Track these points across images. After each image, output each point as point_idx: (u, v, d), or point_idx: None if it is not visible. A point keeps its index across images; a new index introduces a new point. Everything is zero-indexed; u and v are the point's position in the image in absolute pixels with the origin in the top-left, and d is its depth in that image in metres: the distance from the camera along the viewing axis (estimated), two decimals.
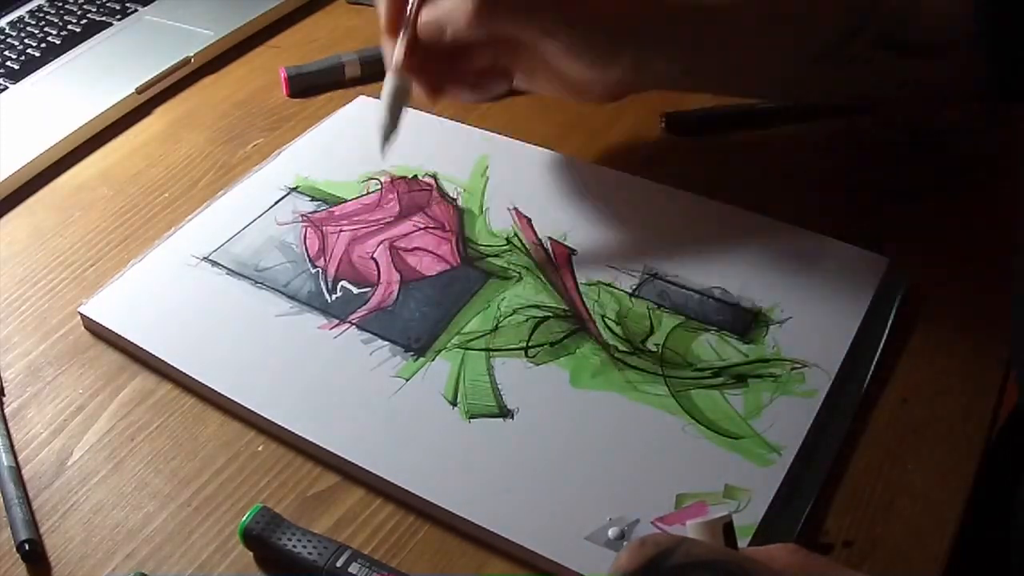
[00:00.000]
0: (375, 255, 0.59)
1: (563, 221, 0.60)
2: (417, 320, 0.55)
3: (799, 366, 0.51)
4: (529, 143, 0.67)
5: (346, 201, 0.63)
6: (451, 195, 0.63)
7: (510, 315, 0.55)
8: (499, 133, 0.68)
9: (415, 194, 0.63)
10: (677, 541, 0.37)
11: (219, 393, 0.52)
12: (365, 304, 0.56)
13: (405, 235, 0.60)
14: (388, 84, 0.56)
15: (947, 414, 0.50)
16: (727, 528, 0.38)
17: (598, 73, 0.55)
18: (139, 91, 0.75)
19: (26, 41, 0.81)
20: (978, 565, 0.56)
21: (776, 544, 0.40)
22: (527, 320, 0.55)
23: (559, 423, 0.49)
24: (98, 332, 0.57)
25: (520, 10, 0.53)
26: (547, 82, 0.59)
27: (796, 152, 0.66)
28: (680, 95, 0.70)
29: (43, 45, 0.80)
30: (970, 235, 0.60)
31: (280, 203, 0.63)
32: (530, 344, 0.53)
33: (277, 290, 0.57)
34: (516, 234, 0.60)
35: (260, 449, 0.50)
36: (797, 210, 0.60)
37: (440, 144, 0.67)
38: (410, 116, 0.70)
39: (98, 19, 0.84)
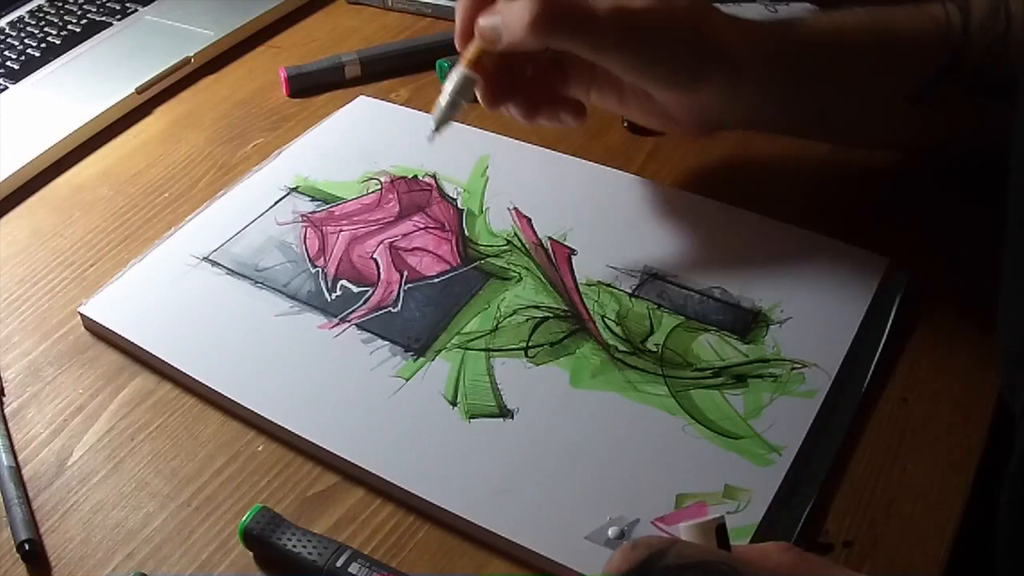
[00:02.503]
0: (375, 255, 0.59)
1: (563, 221, 0.60)
2: (417, 320, 0.55)
3: (799, 366, 0.51)
4: (529, 143, 0.67)
5: (346, 201, 0.63)
6: (451, 195, 0.63)
7: (510, 315, 0.55)
8: (499, 133, 0.68)
9: (415, 194, 0.63)
10: (669, 543, 0.37)
11: (219, 393, 0.52)
12: (365, 304, 0.56)
13: (405, 235, 0.60)
14: (455, 75, 0.55)
15: (947, 414, 0.50)
16: (720, 530, 0.38)
17: (682, 97, 0.55)
18: (139, 91, 0.75)
19: (26, 41, 0.81)
20: (978, 565, 0.56)
21: (769, 543, 0.40)
22: (527, 320, 0.55)
23: (559, 423, 0.49)
24: (98, 332, 0.57)
25: (580, 27, 0.52)
26: (636, 106, 0.58)
27: (796, 151, 0.66)
28: None
29: (43, 45, 0.80)
30: (970, 235, 0.59)
31: (280, 203, 0.63)
32: (530, 344, 0.53)
33: (277, 290, 0.57)
34: (516, 234, 0.60)
35: (260, 449, 0.50)
36: (797, 210, 0.60)
37: (440, 144, 0.67)
38: (410, 116, 0.71)
39: (98, 19, 0.84)
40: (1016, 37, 0.56)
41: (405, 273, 0.58)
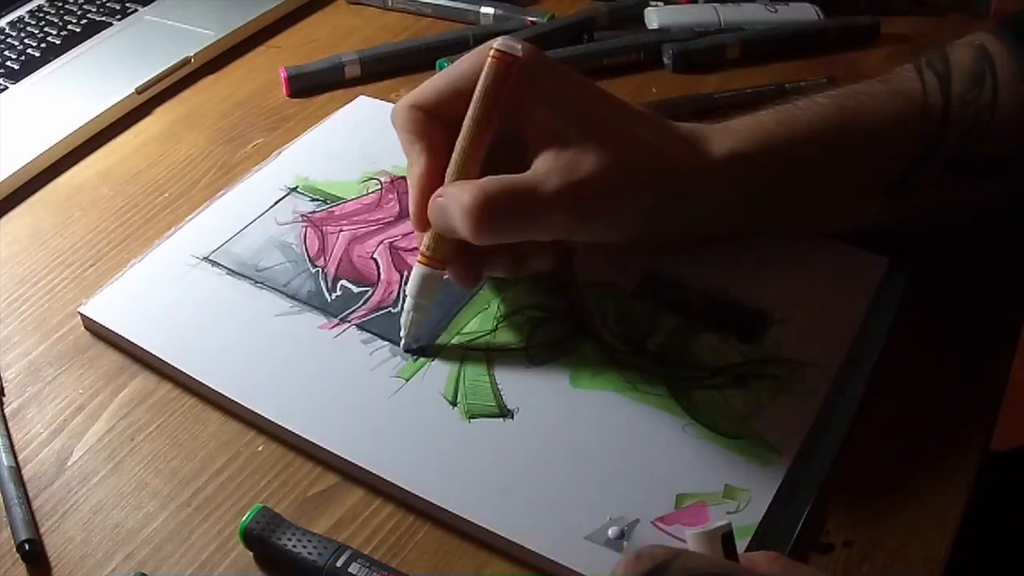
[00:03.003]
0: (375, 255, 0.59)
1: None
2: None
3: (799, 366, 0.51)
4: None
5: (346, 201, 0.63)
6: None
7: (510, 315, 0.55)
8: None
9: None
10: (673, 554, 0.36)
11: (219, 393, 0.52)
12: (365, 304, 0.56)
13: (405, 235, 0.60)
14: (414, 278, 0.52)
15: (947, 414, 0.50)
16: (726, 538, 0.37)
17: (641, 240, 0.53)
18: (139, 91, 0.75)
19: (26, 41, 0.81)
20: (978, 565, 0.56)
21: (757, 552, 0.40)
22: (527, 320, 0.55)
23: (559, 423, 0.49)
24: (98, 332, 0.57)
25: (527, 219, 0.48)
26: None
27: None
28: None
29: (43, 45, 0.80)
30: (970, 235, 0.59)
31: (280, 203, 0.63)
32: (530, 344, 0.53)
33: (277, 290, 0.57)
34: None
35: (260, 449, 0.50)
36: None
37: None
38: None
39: (98, 19, 0.84)
40: (1005, 106, 0.51)
41: (405, 273, 0.58)
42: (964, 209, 0.55)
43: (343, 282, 0.58)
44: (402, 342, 0.53)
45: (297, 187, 0.64)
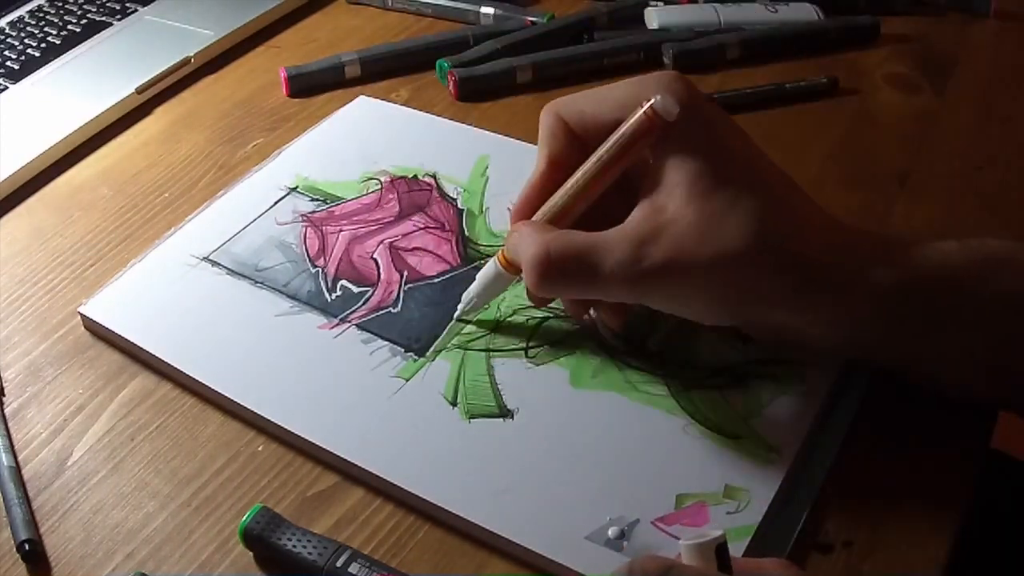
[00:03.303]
0: (375, 255, 0.59)
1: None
2: (417, 320, 0.55)
3: (799, 366, 0.51)
4: (529, 143, 0.67)
5: (346, 201, 0.63)
6: (451, 195, 0.63)
7: (510, 315, 0.55)
8: (499, 133, 0.68)
9: (415, 194, 0.63)
10: (666, 567, 0.36)
11: (219, 393, 0.52)
12: (365, 304, 0.56)
13: (405, 235, 0.60)
14: (489, 269, 0.53)
15: (947, 414, 0.50)
16: (720, 550, 0.37)
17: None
18: (139, 91, 0.75)
19: (26, 41, 0.81)
20: (978, 565, 0.56)
21: (766, 559, 0.40)
22: (527, 320, 0.55)
23: (559, 423, 0.49)
24: (98, 332, 0.57)
25: (586, 292, 0.48)
26: None
27: (796, 152, 0.66)
28: None
29: (43, 45, 0.80)
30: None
31: (280, 203, 0.63)
32: (530, 344, 0.53)
33: (277, 290, 0.57)
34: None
35: (260, 449, 0.50)
36: None
37: (440, 144, 0.67)
38: (410, 116, 0.71)
39: (98, 19, 0.84)
40: None
41: (405, 273, 0.58)
42: None
43: (343, 282, 0.58)
44: (456, 313, 0.54)
45: (297, 187, 0.64)
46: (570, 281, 0.47)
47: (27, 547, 0.45)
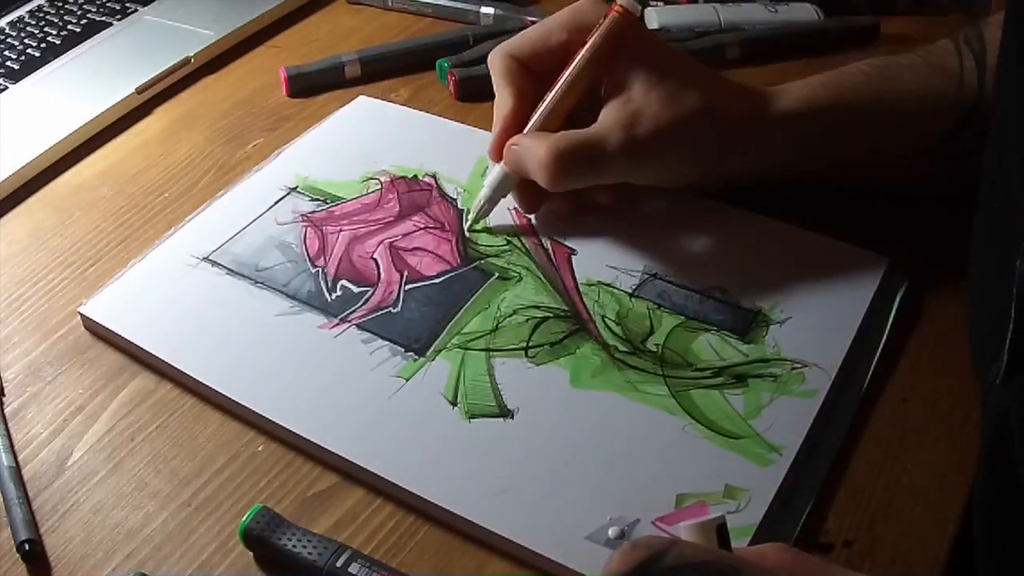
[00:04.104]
0: (375, 255, 0.59)
1: (563, 221, 0.60)
2: (417, 320, 0.55)
3: (799, 366, 0.51)
4: None
5: (346, 201, 0.63)
6: (451, 195, 0.63)
7: (510, 315, 0.55)
8: None
9: (415, 194, 0.63)
10: (669, 543, 0.37)
11: (219, 393, 0.52)
12: (365, 304, 0.56)
13: (405, 235, 0.60)
14: (494, 171, 0.59)
15: (947, 414, 0.50)
16: (720, 529, 0.38)
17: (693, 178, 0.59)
18: (139, 91, 0.75)
19: (26, 41, 0.81)
20: (978, 565, 0.56)
21: (766, 544, 0.40)
22: (527, 320, 0.55)
23: (559, 423, 0.49)
24: (98, 332, 0.57)
25: (593, 169, 0.55)
26: None
27: None
28: None
29: (43, 45, 0.80)
30: (970, 235, 0.59)
31: (280, 203, 0.63)
32: (530, 344, 0.53)
33: (277, 290, 0.57)
34: (516, 234, 0.60)
35: (260, 449, 0.50)
36: (797, 210, 0.60)
37: (440, 144, 0.67)
38: (410, 116, 0.71)
39: (98, 19, 0.84)
40: None
41: (405, 273, 0.58)
42: None
43: (343, 282, 0.58)
44: (467, 224, 0.60)
45: (297, 187, 0.64)
46: (582, 169, 0.55)
47: (27, 547, 0.45)
